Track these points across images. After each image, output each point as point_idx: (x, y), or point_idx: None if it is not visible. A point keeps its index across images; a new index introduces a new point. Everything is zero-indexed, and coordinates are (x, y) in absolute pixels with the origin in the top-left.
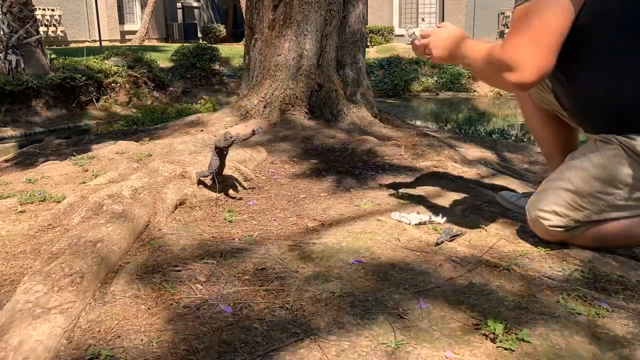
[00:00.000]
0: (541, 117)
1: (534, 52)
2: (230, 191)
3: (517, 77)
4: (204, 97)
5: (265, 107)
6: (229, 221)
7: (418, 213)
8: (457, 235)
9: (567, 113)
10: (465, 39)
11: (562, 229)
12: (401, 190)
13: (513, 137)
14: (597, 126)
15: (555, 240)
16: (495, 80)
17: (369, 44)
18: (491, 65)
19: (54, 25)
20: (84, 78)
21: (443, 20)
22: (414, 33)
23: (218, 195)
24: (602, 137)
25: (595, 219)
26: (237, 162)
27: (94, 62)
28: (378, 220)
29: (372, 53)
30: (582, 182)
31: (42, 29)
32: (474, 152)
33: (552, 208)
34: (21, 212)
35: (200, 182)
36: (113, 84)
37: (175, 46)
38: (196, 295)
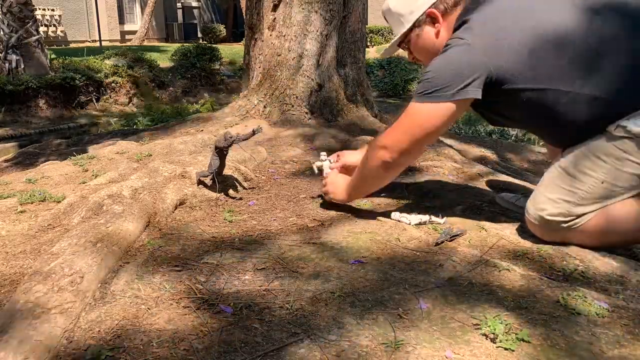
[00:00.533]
0: None
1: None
2: (230, 191)
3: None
4: (204, 97)
5: (265, 107)
6: (229, 221)
7: (418, 213)
8: (457, 235)
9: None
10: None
11: (559, 219)
12: (401, 191)
13: (513, 137)
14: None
15: (554, 239)
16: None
17: (369, 44)
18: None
19: (54, 25)
20: (83, 78)
21: None
22: (322, 166)
23: (218, 195)
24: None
25: (591, 208)
26: (237, 162)
27: (94, 62)
28: (378, 220)
29: (372, 53)
30: (570, 163)
31: (42, 29)
32: (474, 152)
33: (546, 196)
34: (21, 212)
35: (200, 182)
36: (113, 84)
37: (175, 46)
38: (196, 295)
